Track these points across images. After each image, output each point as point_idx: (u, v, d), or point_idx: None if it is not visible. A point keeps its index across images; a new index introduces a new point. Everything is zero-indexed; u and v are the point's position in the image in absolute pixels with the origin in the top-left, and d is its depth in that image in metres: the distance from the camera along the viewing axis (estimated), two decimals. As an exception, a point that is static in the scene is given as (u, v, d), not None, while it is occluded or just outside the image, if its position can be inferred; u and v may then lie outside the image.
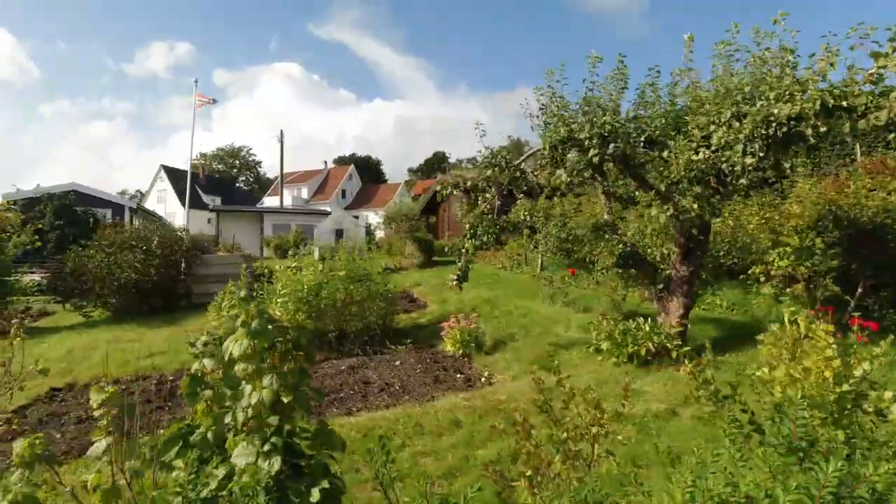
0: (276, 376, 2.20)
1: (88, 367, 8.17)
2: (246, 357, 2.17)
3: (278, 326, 2.31)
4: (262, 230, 29.34)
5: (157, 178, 54.42)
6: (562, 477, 2.38)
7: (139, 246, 12.29)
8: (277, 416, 2.21)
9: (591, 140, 5.45)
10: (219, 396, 2.38)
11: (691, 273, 6.14)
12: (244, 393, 2.21)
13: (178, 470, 2.28)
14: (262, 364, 2.23)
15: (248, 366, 2.18)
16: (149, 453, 2.36)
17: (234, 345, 2.19)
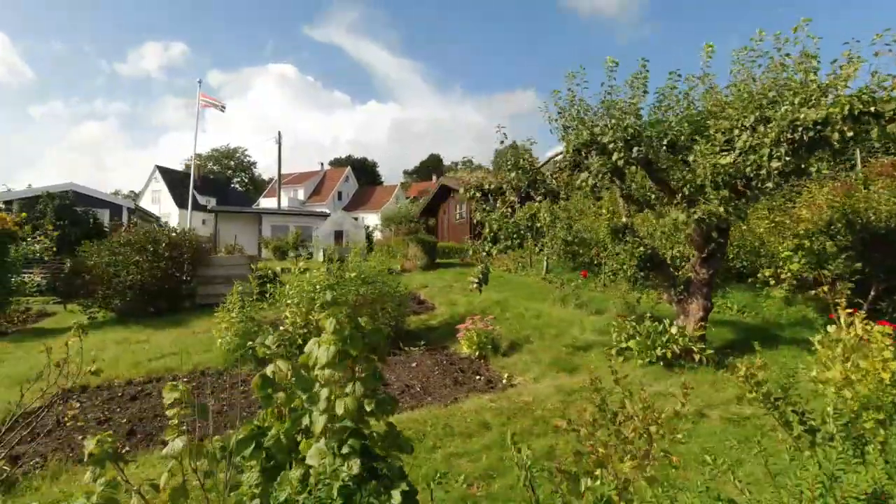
0: (360, 382, 2.20)
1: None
2: (332, 364, 2.17)
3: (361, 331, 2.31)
4: (261, 231, 29.21)
5: (152, 178, 54.01)
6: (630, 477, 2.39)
7: (148, 247, 12.20)
8: (352, 419, 2.21)
9: (615, 143, 5.49)
10: (289, 399, 2.38)
11: (711, 276, 6.20)
12: (321, 397, 2.21)
13: (249, 471, 2.28)
14: (346, 369, 2.23)
15: (334, 372, 2.18)
16: (219, 454, 2.36)
17: (321, 349, 2.19)
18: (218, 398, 6.56)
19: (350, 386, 2.21)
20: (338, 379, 2.20)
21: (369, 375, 2.30)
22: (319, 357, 2.19)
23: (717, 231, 6.10)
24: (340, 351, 2.19)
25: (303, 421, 2.24)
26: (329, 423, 2.19)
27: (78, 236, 16.86)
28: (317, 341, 2.28)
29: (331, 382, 2.22)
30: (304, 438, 2.30)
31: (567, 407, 5.10)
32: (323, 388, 2.24)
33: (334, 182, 56.17)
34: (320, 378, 2.22)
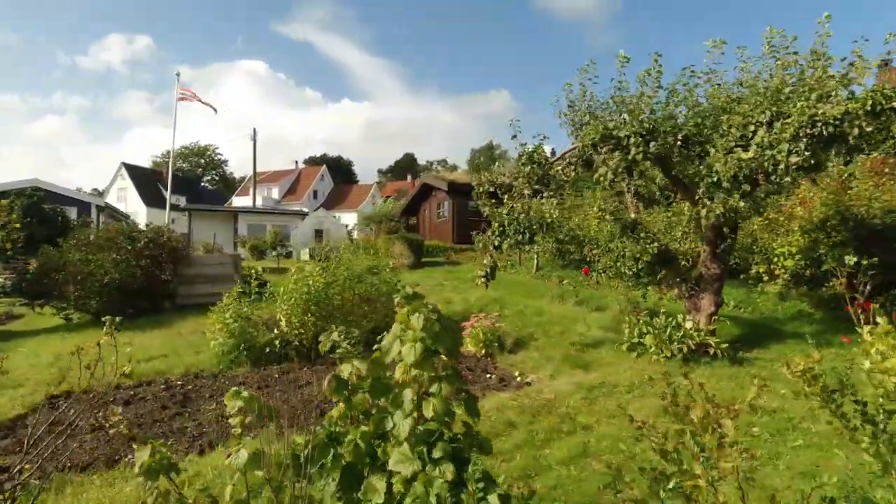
0: (445, 381, 2.05)
1: (83, 373, 7.64)
2: (420, 363, 2.01)
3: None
4: (236, 230, 28.45)
5: (118, 175, 52.16)
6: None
7: (125, 245, 11.66)
8: (440, 421, 2.05)
9: (634, 138, 5.45)
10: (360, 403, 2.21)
11: (722, 271, 6.24)
12: (406, 398, 2.04)
13: (325, 481, 2.10)
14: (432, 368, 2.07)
15: (421, 371, 2.02)
16: (289, 462, 2.17)
17: (407, 347, 2.02)
18: (217, 402, 6.25)
19: (436, 385, 2.06)
20: (425, 378, 2.05)
21: (452, 374, 2.15)
22: (406, 355, 2.03)
23: (728, 227, 6.13)
24: (428, 348, 2.04)
25: (386, 424, 2.07)
26: (414, 425, 2.03)
27: (46, 235, 16.05)
28: (398, 337, 2.12)
29: (416, 382, 2.07)
30: (383, 443, 2.14)
31: (591, 404, 5.03)
32: (406, 388, 2.08)
33: (310, 181, 55.26)
34: (401, 377, 2.06)
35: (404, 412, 2.03)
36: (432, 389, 2.05)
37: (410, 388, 2.06)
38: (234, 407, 2.12)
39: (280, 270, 18.76)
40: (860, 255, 7.33)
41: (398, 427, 2.02)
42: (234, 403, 2.13)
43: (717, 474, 2.39)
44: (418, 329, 2.04)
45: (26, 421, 5.96)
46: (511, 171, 6.38)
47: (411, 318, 2.08)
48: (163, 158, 68.80)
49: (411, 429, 2.00)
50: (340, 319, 8.57)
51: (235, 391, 2.16)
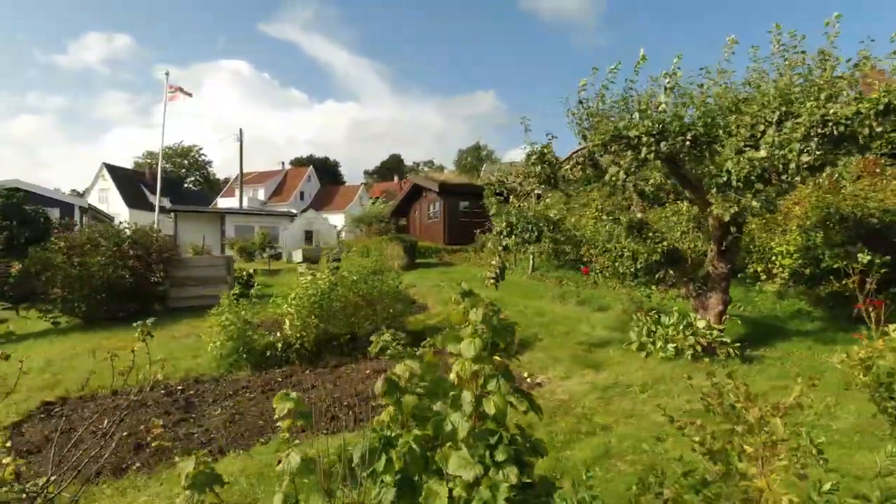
0: (503, 378, 1.99)
1: (76, 378, 7.42)
2: (480, 358, 1.95)
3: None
4: (223, 232, 28.03)
5: (99, 176, 51.13)
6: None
7: (112, 247, 11.37)
8: (500, 421, 1.99)
9: (647, 138, 5.46)
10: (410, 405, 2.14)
11: (729, 270, 6.27)
12: (465, 398, 1.98)
13: (382, 487, 2.02)
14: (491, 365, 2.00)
15: (482, 366, 1.96)
16: (341, 468, 2.09)
17: (465, 343, 1.96)
18: (222, 406, 6.11)
19: (493, 382, 2.00)
20: (484, 374, 1.98)
21: (507, 372, 2.09)
22: (464, 350, 1.97)
23: (734, 226, 6.17)
24: (486, 343, 1.97)
25: (444, 426, 2.00)
26: (473, 427, 1.97)
27: (28, 237, 15.61)
28: (454, 335, 2.06)
29: (473, 382, 2.00)
30: (438, 447, 2.06)
31: (607, 404, 5.00)
32: (465, 387, 2.01)
33: (296, 182, 54.73)
34: (460, 375, 1.99)
35: (464, 413, 1.97)
36: (490, 387, 1.99)
37: (468, 389, 2.00)
38: (283, 409, 2.04)
39: (272, 272, 18.53)
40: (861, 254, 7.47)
41: (458, 429, 1.95)
42: (283, 406, 2.04)
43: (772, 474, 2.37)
44: (478, 323, 1.98)
45: (23, 427, 5.76)
46: (520, 169, 6.34)
47: (470, 313, 2.02)
48: (145, 159, 67.65)
49: (470, 430, 1.94)
50: (343, 322, 8.48)
51: (284, 394, 2.07)
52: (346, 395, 6.08)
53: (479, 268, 16.56)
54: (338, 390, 6.36)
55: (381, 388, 2.12)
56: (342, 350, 8.37)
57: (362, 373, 7.16)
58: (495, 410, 1.93)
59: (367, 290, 8.54)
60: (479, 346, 1.94)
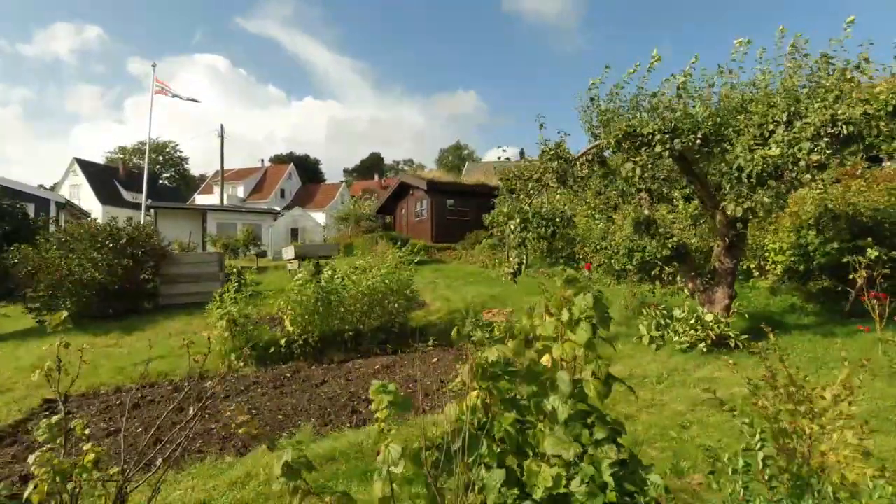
0: (602, 363, 2.04)
1: (75, 376, 7.20)
2: (590, 344, 2.00)
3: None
4: (205, 229, 27.49)
5: (70, 171, 49.55)
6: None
7: (108, 243, 11.07)
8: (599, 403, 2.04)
9: (661, 135, 5.59)
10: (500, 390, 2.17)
11: (735, 265, 6.46)
12: (563, 380, 2.02)
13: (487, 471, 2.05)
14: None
15: (588, 353, 2.01)
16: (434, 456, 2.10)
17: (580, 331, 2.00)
18: (236, 402, 6.02)
19: (592, 366, 2.04)
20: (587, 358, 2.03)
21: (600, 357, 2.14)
22: (578, 337, 2.01)
23: (741, 222, 6.36)
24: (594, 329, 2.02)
25: (544, 407, 2.03)
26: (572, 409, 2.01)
27: (5, 233, 15.07)
28: (554, 321, 2.10)
29: (568, 366, 2.05)
30: (529, 429, 2.10)
31: (627, 395, 5.09)
32: (561, 371, 2.05)
33: (276, 179, 53.96)
34: (561, 359, 2.04)
35: (562, 395, 2.01)
36: (585, 373, 2.04)
37: (565, 371, 2.05)
38: (382, 402, 2.04)
39: (260, 270, 18.27)
40: (853, 252, 7.75)
41: (558, 410, 1.99)
42: (381, 398, 2.05)
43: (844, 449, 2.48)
44: (589, 309, 2.02)
45: (28, 425, 5.57)
46: (535, 165, 6.40)
47: (578, 299, 2.06)
48: (117, 154, 65.78)
49: (569, 412, 1.98)
50: (348, 319, 8.44)
51: (381, 385, 2.08)
52: (361, 390, 6.07)
53: (470, 265, 16.63)
54: (352, 385, 6.33)
55: (470, 373, 2.14)
56: (347, 346, 8.33)
57: (372, 368, 7.15)
58: (594, 394, 1.97)
59: (377, 287, 8.50)
60: (589, 331, 1.98)
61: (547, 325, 2.14)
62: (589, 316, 2.02)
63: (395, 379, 6.54)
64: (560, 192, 6.72)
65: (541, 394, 2.08)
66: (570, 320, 2.05)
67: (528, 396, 2.13)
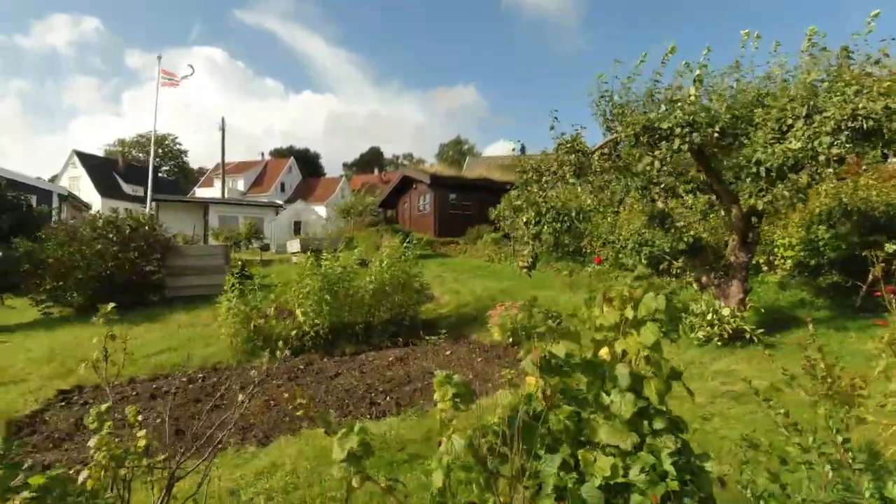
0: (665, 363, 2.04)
1: (87, 367, 7.19)
2: (657, 347, 1.99)
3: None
4: (207, 222, 27.42)
5: (69, 164, 49.37)
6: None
7: (111, 235, 11.03)
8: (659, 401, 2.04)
9: (681, 129, 5.58)
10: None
11: (749, 259, 6.47)
12: (621, 375, 2.02)
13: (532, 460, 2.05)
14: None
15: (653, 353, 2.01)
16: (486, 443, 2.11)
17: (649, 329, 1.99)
18: (254, 393, 6.01)
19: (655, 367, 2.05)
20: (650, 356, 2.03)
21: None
22: (645, 338, 2.00)
23: (756, 217, 6.36)
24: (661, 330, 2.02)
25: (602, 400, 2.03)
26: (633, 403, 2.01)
27: (11, 224, 15.01)
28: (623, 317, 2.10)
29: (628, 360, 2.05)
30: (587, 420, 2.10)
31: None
32: (620, 365, 2.06)
33: (277, 172, 53.80)
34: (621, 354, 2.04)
35: (620, 389, 2.01)
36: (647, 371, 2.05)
37: (624, 365, 2.05)
38: (446, 394, 2.04)
39: (264, 263, 18.24)
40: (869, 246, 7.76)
41: (621, 406, 1.99)
42: (445, 390, 2.04)
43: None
44: (660, 310, 2.01)
45: (45, 416, 5.56)
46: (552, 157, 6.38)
47: (647, 298, 2.05)
48: (116, 147, 65.50)
49: (631, 405, 1.98)
50: (359, 310, 8.45)
51: (446, 376, 2.07)
52: (378, 382, 6.07)
53: (475, 259, 16.64)
54: (367, 377, 6.33)
55: (533, 365, 2.14)
56: (358, 338, 8.34)
57: (385, 360, 7.15)
58: (654, 394, 1.98)
59: (388, 279, 8.51)
60: (658, 334, 1.98)
61: (607, 318, 2.14)
62: (657, 317, 2.01)
63: (409, 371, 6.55)
64: (578, 186, 6.70)
65: (597, 386, 2.09)
66: (636, 319, 2.05)
67: (585, 388, 2.14)
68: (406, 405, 5.28)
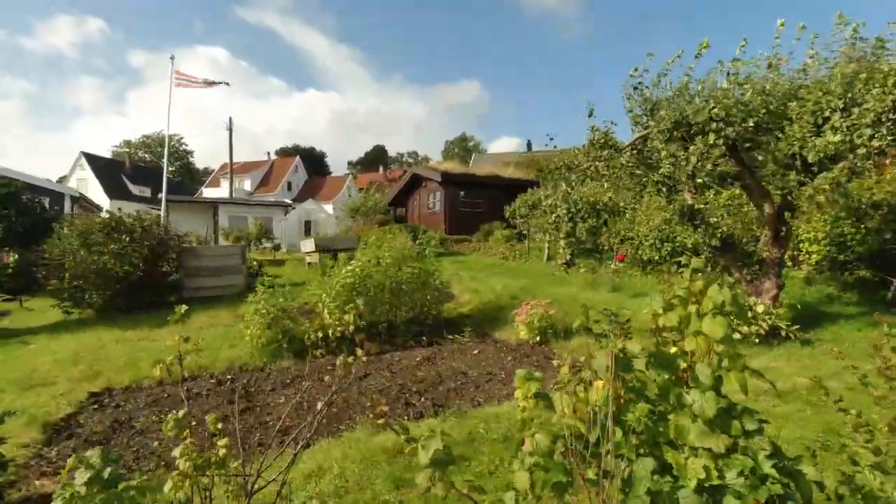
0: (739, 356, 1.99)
1: (115, 369, 7.22)
2: (728, 339, 1.93)
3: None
4: (217, 222, 27.45)
5: (77, 165, 49.55)
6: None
7: (125, 236, 11.03)
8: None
9: (716, 124, 5.50)
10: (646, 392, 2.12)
11: (781, 255, 6.39)
12: (702, 374, 1.97)
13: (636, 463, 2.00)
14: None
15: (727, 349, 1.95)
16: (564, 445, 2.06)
17: (716, 322, 1.94)
18: (285, 395, 6.00)
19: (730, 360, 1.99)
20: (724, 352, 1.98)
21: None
22: (712, 331, 1.95)
23: (788, 211, 6.28)
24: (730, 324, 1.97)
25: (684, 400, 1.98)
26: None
27: (27, 227, 15.07)
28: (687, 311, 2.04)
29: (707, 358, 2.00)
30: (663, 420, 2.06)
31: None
32: (701, 363, 2.01)
33: (283, 172, 53.84)
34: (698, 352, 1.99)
35: (703, 388, 1.96)
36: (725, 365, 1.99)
37: (705, 363, 2.00)
38: (528, 390, 1.99)
39: (277, 262, 18.25)
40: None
41: (704, 405, 1.94)
42: (528, 387, 2.00)
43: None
44: (727, 303, 1.96)
45: (79, 419, 5.55)
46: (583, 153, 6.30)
47: (712, 291, 2.00)
48: (122, 148, 65.71)
49: (714, 405, 1.93)
50: (382, 309, 8.41)
51: (527, 374, 2.02)
52: (409, 382, 6.04)
53: (490, 256, 16.58)
54: (398, 378, 6.30)
55: (605, 365, 2.08)
56: (381, 337, 8.31)
57: (412, 360, 7.11)
58: (737, 386, 1.92)
59: (408, 278, 8.47)
60: (726, 327, 1.92)
61: (670, 318, 2.08)
62: (727, 311, 1.96)
63: (439, 370, 6.51)
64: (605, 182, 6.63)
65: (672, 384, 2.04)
66: (702, 313, 2.00)
67: (660, 388, 2.09)
68: (443, 406, 5.24)
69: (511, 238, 18.49)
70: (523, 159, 31.71)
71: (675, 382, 2.09)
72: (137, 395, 6.32)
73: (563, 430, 2.20)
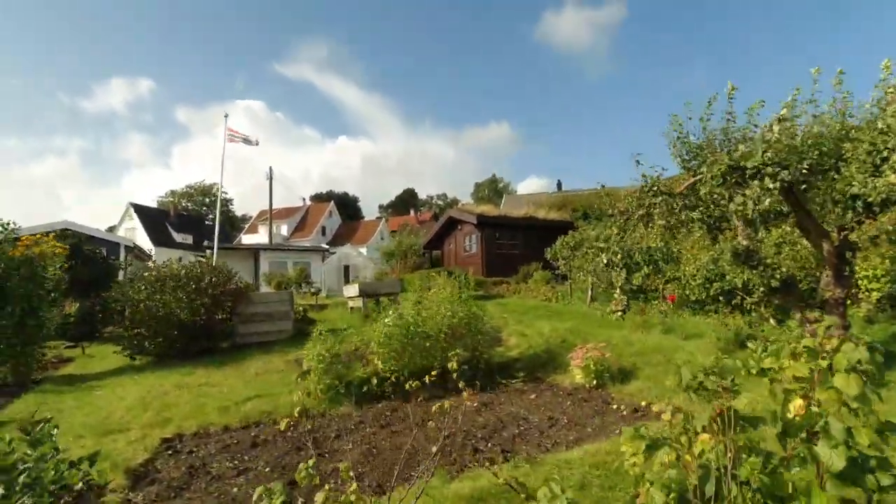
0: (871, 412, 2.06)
1: (182, 415, 7.48)
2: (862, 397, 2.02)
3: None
4: (258, 268, 28.32)
5: (126, 215, 52.21)
6: None
7: (191, 284, 11.59)
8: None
9: (771, 168, 5.60)
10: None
11: (846, 294, 6.29)
12: (837, 429, 2.04)
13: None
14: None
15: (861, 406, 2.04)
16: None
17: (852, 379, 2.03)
18: (353, 441, 6.11)
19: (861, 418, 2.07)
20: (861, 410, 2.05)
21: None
22: (848, 389, 2.03)
23: (849, 251, 6.24)
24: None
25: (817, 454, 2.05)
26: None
27: (90, 276, 15.92)
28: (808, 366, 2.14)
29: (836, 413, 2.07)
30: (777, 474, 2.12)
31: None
32: (832, 418, 2.08)
33: (318, 217, 55.48)
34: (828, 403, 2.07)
35: (836, 443, 2.02)
36: (858, 420, 2.06)
37: (837, 418, 2.06)
38: (638, 448, 2.11)
39: (320, 307, 18.66)
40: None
41: (832, 460, 2.00)
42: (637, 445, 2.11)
43: None
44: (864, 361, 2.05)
45: (156, 464, 5.78)
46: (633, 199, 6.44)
47: (847, 348, 2.09)
48: (167, 198, 69.08)
49: (843, 458, 1.99)
50: (433, 356, 8.53)
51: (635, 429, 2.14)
52: (473, 429, 6.09)
53: (531, 299, 16.58)
54: (464, 424, 6.35)
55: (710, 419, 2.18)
56: (433, 384, 8.37)
57: (470, 406, 7.16)
58: (868, 442, 1.99)
59: (457, 323, 8.60)
60: (862, 385, 2.01)
61: (798, 369, 2.17)
62: (863, 369, 2.04)
63: (499, 416, 6.55)
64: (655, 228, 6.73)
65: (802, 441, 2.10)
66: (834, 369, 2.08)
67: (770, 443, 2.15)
68: (511, 451, 5.27)
69: (550, 279, 18.49)
70: (556, 199, 31.97)
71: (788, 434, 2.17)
72: (207, 441, 6.53)
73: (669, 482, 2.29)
